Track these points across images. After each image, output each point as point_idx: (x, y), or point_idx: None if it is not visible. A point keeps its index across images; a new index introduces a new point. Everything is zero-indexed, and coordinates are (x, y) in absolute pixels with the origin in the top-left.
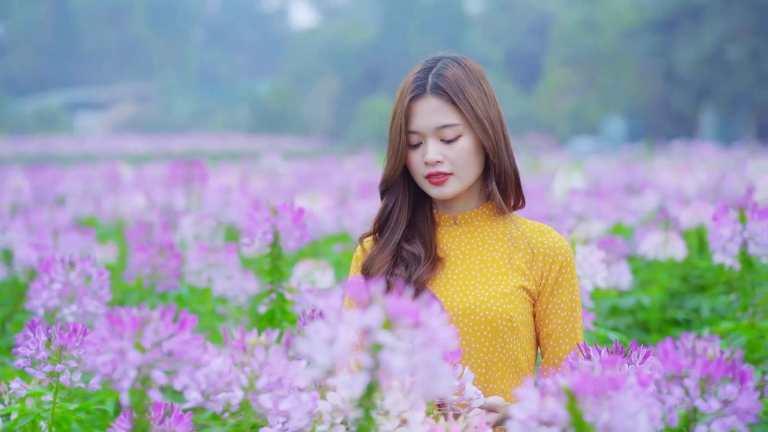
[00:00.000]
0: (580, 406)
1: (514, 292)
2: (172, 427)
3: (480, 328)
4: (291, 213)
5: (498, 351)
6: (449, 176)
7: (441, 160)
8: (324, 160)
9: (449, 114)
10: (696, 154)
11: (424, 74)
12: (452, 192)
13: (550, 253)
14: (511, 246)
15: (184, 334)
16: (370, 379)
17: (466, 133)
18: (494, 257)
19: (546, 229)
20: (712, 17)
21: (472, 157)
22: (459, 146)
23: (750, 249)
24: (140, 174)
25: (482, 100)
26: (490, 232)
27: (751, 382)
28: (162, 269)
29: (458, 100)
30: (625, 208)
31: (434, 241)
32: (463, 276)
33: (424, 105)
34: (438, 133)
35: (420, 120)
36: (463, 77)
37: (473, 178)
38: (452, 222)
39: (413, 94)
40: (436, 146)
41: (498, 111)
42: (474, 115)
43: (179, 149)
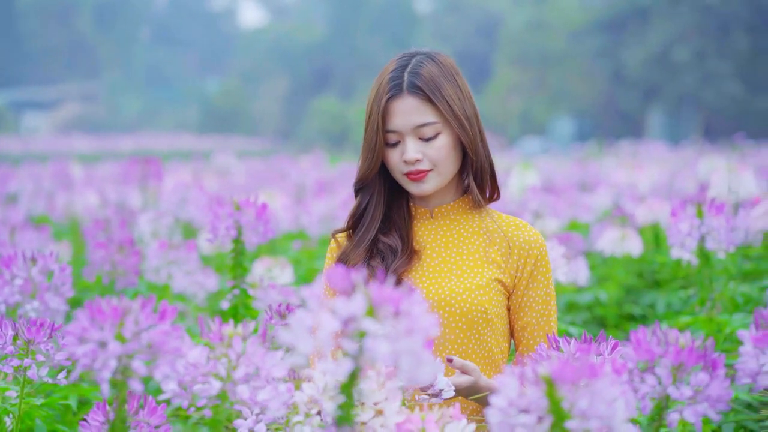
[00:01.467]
0: (558, 393)
1: (489, 284)
2: (146, 418)
3: (455, 320)
4: (254, 208)
5: (472, 343)
6: (429, 172)
7: (420, 158)
8: (278, 159)
9: (427, 113)
10: (645, 152)
11: (400, 72)
12: (432, 188)
13: (525, 246)
14: (486, 239)
15: (165, 324)
16: (354, 367)
17: (444, 130)
18: (470, 250)
19: (521, 224)
20: (658, 18)
21: (451, 154)
22: (438, 144)
23: (707, 244)
24: (91, 173)
25: (458, 96)
26: (467, 226)
27: (722, 369)
28: (121, 266)
29: (435, 99)
30: (580, 206)
31: (411, 234)
32: (439, 268)
33: (401, 104)
34: (416, 131)
35: (398, 119)
36: (439, 74)
37: (452, 173)
38: (429, 215)
39: (390, 93)
40: (415, 145)
41: (473, 105)
42: (451, 113)
43: (128, 149)
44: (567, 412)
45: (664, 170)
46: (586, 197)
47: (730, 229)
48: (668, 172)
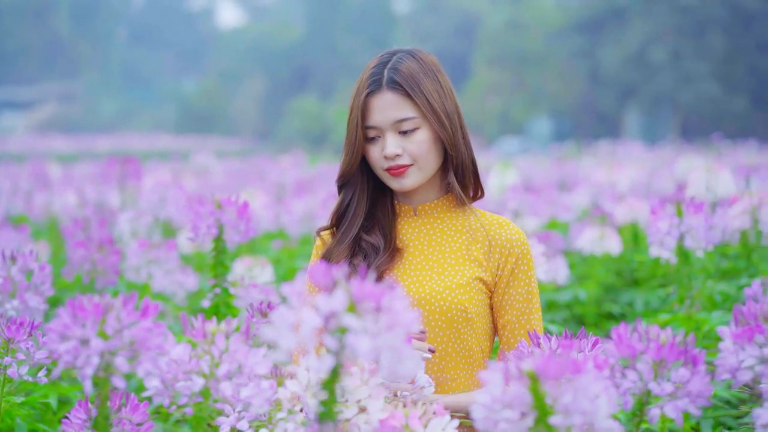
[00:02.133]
0: (542, 388)
1: (470, 283)
2: (128, 415)
3: (434, 318)
4: (235, 207)
5: (452, 341)
6: (409, 168)
7: (400, 153)
8: (257, 159)
9: (406, 108)
10: (623, 152)
11: (380, 69)
12: (413, 183)
13: (507, 245)
14: (469, 237)
15: (147, 321)
16: (336, 362)
17: (423, 125)
18: (452, 248)
19: (504, 222)
20: (635, 19)
21: (431, 149)
22: (417, 138)
23: (686, 242)
24: (68, 173)
25: (438, 92)
26: (450, 224)
27: (703, 365)
28: (101, 265)
29: (414, 94)
30: (559, 205)
31: (394, 232)
32: (421, 266)
33: (380, 100)
34: (396, 126)
35: (377, 115)
36: (419, 70)
37: (433, 169)
38: (412, 213)
39: (369, 89)
40: (395, 140)
41: (454, 102)
42: (430, 108)
43: (105, 148)
44: (550, 407)
45: (642, 170)
46: (565, 197)
47: (708, 227)
48: (646, 172)
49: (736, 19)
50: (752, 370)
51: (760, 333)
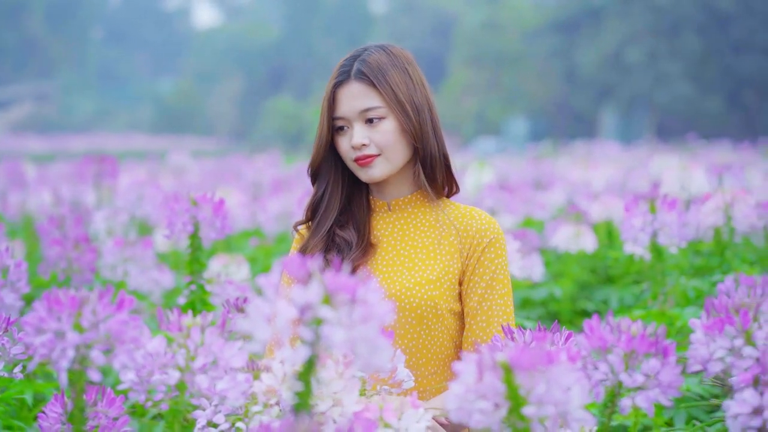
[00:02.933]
0: (516, 379)
1: (440, 278)
2: (104, 409)
3: (404, 314)
4: (211, 204)
5: (423, 337)
6: (376, 157)
7: (366, 143)
8: (233, 158)
9: (372, 97)
10: (599, 152)
11: (350, 61)
12: (380, 173)
13: (477, 235)
14: (441, 231)
15: (122, 314)
16: (311, 354)
17: (389, 116)
18: (424, 243)
19: (477, 212)
20: (611, 19)
21: (397, 139)
22: (383, 128)
23: (660, 239)
24: (44, 172)
25: (406, 83)
26: (423, 219)
27: (673, 356)
28: (77, 263)
29: (379, 84)
30: (535, 203)
31: (368, 227)
32: (392, 262)
33: (347, 90)
34: (362, 116)
35: (344, 105)
36: (387, 62)
37: (402, 160)
38: (386, 208)
39: (337, 80)
40: (362, 130)
41: (426, 97)
42: (395, 98)
43: (81, 148)
44: (524, 398)
45: (617, 169)
46: (541, 195)
47: (681, 224)
48: (622, 171)
49: (711, 20)
50: (723, 362)
51: (730, 325)
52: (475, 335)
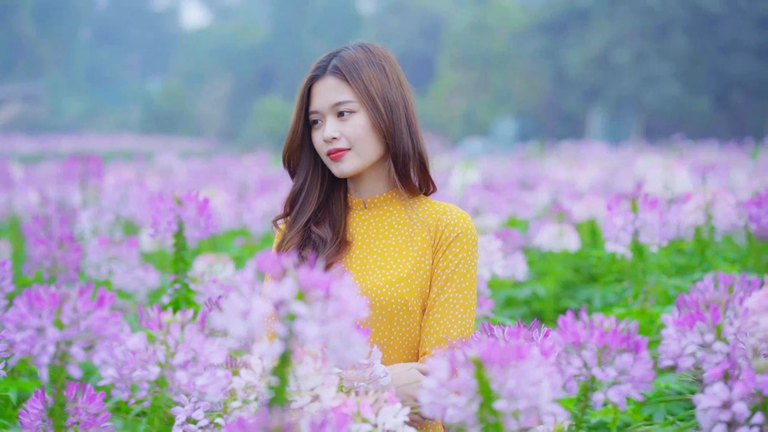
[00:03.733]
0: (487, 374)
1: (411, 275)
2: (85, 405)
3: (375, 312)
4: (195, 203)
5: (394, 334)
6: (346, 152)
7: (337, 136)
8: (220, 159)
9: (344, 92)
10: (586, 152)
11: (328, 58)
12: (351, 168)
13: (445, 229)
14: (414, 229)
15: (102, 311)
16: (285, 349)
17: (360, 110)
18: (397, 241)
19: (450, 208)
20: (598, 20)
21: (368, 134)
22: (354, 122)
23: (641, 238)
24: (31, 172)
25: (380, 79)
26: (398, 217)
27: (645, 351)
28: (62, 262)
29: (351, 78)
30: (520, 202)
31: (345, 225)
32: (365, 260)
33: (321, 85)
34: (334, 110)
35: (318, 99)
36: (363, 58)
37: (373, 155)
38: (363, 206)
39: (313, 74)
40: (333, 124)
41: (402, 95)
42: (366, 93)
43: (69, 149)
44: (495, 392)
45: (603, 169)
46: (526, 195)
47: (662, 223)
48: (607, 171)
49: (699, 21)
50: (693, 357)
51: (701, 320)
52: (431, 326)
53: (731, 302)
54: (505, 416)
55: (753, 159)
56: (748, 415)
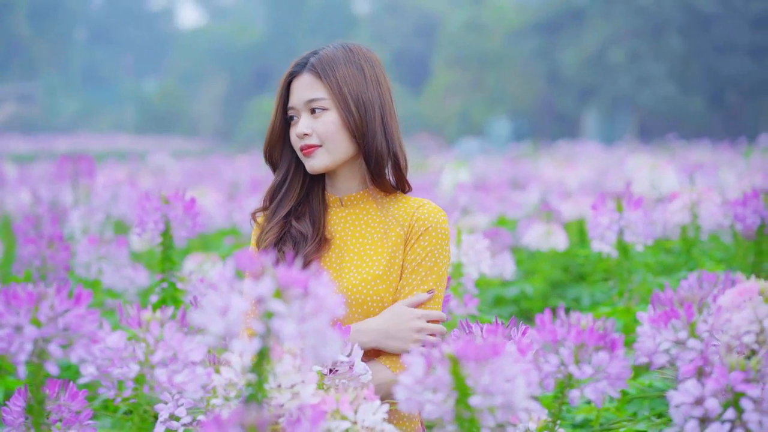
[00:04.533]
0: (462, 371)
1: (386, 273)
2: (67, 403)
3: (352, 310)
4: (182, 202)
5: None
6: (317, 148)
7: (309, 132)
8: (213, 158)
9: (318, 89)
10: (578, 152)
11: (308, 55)
12: (321, 164)
13: (416, 223)
14: (389, 226)
15: (80, 308)
16: (263, 345)
17: (332, 107)
18: (372, 239)
19: (424, 203)
20: (593, 20)
21: (338, 132)
22: (324, 119)
23: (626, 237)
24: (25, 172)
25: (356, 78)
26: (374, 215)
27: (621, 349)
28: (51, 261)
29: (325, 76)
30: (510, 202)
31: (323, 221)
32: (341, 258)
33: (298, 82)
34: (308, 106)
35: (294, 96)
36: (341, 57)
37: (343, 153)
38: (339, 204)
39: (291, 71)
40: (306, 120)
41: (379, 95)
42: (339, 91)
43: (63, 149)
44: (470, 388)
45: (593, 168)
46: (517, 194)
47: (647, 222)
48: (597, 171)
49: (693, 21)
50: (668, 353)
51: (675, 317)
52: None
53: (706, 300)
54: (481, 412)
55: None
56: (720, 411)
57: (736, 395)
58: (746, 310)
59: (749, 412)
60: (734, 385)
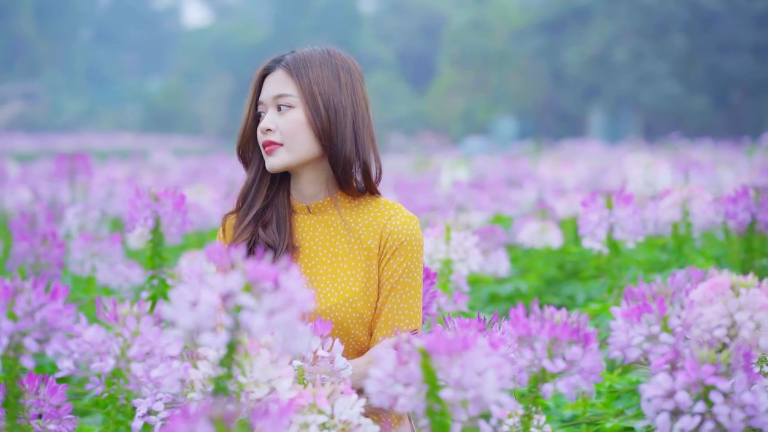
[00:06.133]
0: (433, 364)
1: (363, 289)
2: (47, 397)
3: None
4: (172, 199)
5: (351, 344)
6: (278, 147)
7: (272, 128)
8: (214, 157)
9: (287, 85)
10: (581, 151)
11: (286, 53)
12: (280, 163)
13: (390, 237)
14: (360, 234)
15: (56, 303)
16: (231, 339)
17: (299, 106)
18: (344, 249)
19: (395, 210)
20: (597, 19)
21: (302, 131)
22: (289, 116)
23: (616, 234)
24: (27, 170)
25: (328, 81)
26: (342, 223)
27: (594, 344)
28: (45, 258)
29: (297, 74)
30: (506, 200)
31: (290, 228)
32: (315, 272)
33: (270, 77)
34: (275, 102)
35: (264, 91)
36: (317, 59)
37: (305, 154)
38: (306, 211)
39: (266, 66)
40: (272, 115)
41: (352, 102)
42: (309, 91)
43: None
44: (441, 382)
45: (591, 167)
46: (514, 192)
47: (637, 219)
48: (595, 169)
49: (697, 19)
50: (640, 348)
51: (648, 312)
52: (375, 337)
53: (678, 295)
54: (453, 406)
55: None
56: (690, 404)
57: (707, 388)
58: (717, 305)
59: (719, 405)
60: (704, 378)
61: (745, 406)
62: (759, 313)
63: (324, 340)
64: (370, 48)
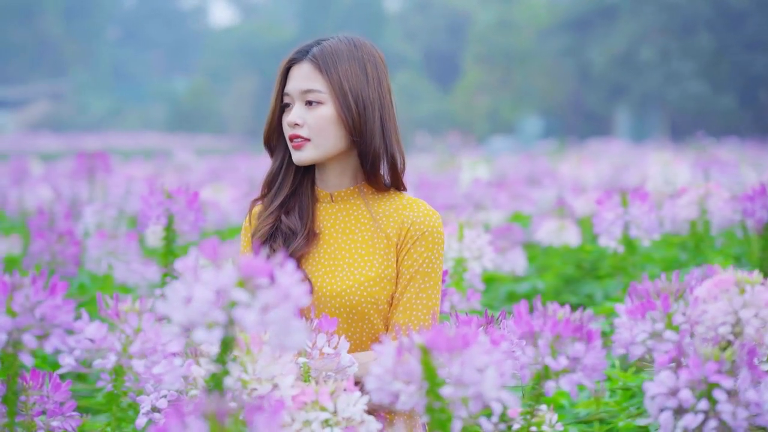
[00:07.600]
0: (433, 361)
1: (380, 274)
2: (50, 394)
3: (346, 311)
4: (185, 197)
5: (366, 331)
6: (306, 142)
7: (300, 123)
8: (237, 156)
9: (315, 80)
10: (606, 150)
11: (311, 44)
12: (308, 158)
13: (411, 227)
14: (382, 224)
15: (55, 299)
16: (225, 335)
17: (328, 102)
18: (364, 237)
19: (418, 204)
20: (623, 18)
21: (331, 127)
22: (318, 113)
23: (631, 232)
24: (50, 169)
25: (357, 76)
26: (365, 211)
27: (597, 341)
28: (61, 256)
29: (326, 69)
30: (526, 198)
31: (312, 216)
32: (334, 257)
33: (297, 70)
34: (303, 97)
35: (291, 83)
36: (345, 52)
37: (332, 149)
38: (329, 199)
39: (291, 57)
40: (300, 110)
41: (380, 96)
42: (339, 86)
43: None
44: (440, 379)
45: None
46: (534, 190)
47: (652, 217)
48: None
49: (723, 18)
50: (644, 345)
51: (651, 309)
52: (392, 326)
53: (683, 292)
54: (453, 403)
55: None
56: (693, 401)
57: (710, 386)
58: (722, 302)
59: (723, 403)
60: (708, 376)
61: (750, 404)
62: (764, 310)
63: (330, 337)
64: (395, 47)
